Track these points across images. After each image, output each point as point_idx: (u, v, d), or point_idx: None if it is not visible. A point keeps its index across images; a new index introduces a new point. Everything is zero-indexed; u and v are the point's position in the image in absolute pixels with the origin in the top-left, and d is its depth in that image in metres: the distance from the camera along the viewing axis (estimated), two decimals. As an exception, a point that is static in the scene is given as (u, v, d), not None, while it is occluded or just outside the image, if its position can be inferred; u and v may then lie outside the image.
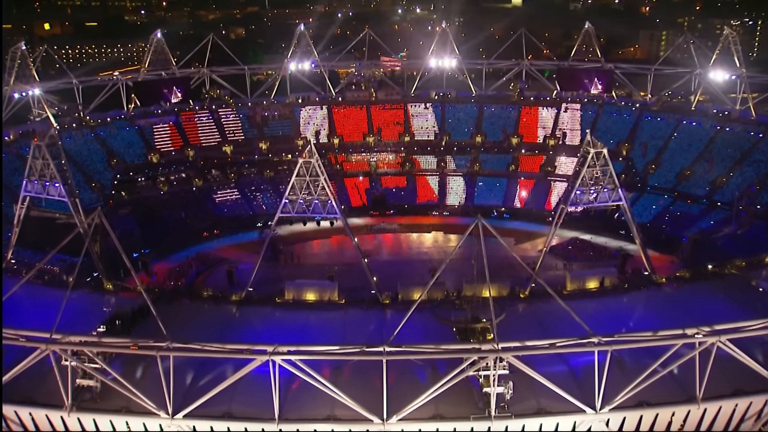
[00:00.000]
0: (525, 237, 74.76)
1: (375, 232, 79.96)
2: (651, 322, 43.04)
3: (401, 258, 70.27)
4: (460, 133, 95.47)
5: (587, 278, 55.11)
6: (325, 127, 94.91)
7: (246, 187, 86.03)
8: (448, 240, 76.45)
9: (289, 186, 52.42)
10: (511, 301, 51.28)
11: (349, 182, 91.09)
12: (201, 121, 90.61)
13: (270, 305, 51.98)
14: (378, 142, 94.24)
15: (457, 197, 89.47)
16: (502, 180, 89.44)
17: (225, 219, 79.92)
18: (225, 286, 56.70)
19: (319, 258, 69.96)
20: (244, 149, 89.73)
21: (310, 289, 52.99)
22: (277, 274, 60.04)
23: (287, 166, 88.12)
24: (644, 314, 49.66)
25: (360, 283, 55.44)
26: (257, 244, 67.26)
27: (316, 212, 53.13)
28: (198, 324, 47.35)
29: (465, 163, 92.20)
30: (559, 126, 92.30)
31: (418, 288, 51.47)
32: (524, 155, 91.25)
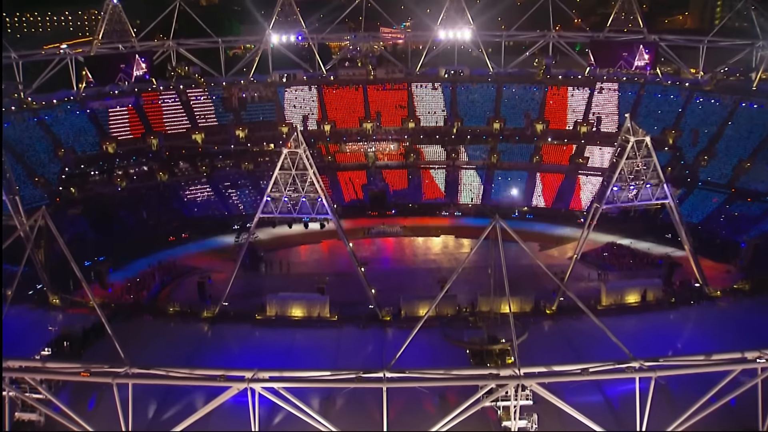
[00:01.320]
0: (552, 242, 74.87)
1: (373, 235, 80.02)
2: (703, 344, 43.00)
3: (404, 266, 70.37)
4: (475, 118, 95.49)
5: (626, 291, 55.17)
6: (315, 111, 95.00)
7: (220, 182, 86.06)
8: (459, 245, 76.52)
9: (272, 181, 52.46)
10: (535, 318, 51.35)
11: (343, 177, 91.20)
12: (166, 103, 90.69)
13: (249, 323, 52.03)
14: (377, 129, 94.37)
15: (470, 194, 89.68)
16: (524, 174, 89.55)
17: (195, 220, 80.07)
18: (195, 300, 56.75)
19: (307, 267, 70.03)
20: (217, 137, 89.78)
21: (297, 303, 53.02)
22: (257, 286, 60.11)
23: (269, 157, 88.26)
24: (695, 334, 49.78)
25: (355, 296, 55.53)
26: (233, 251, 67.35)
27: (304, 212, 53.16)
28: (162, 345, 47.38)
29: (480, 154, 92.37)
30: (593, 109, 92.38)
31: (425, 302, 51.51)
32: (551, 144, 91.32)
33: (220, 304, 53.39)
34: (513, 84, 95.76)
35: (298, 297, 53.73)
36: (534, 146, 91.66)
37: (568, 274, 53.80)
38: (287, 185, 52.19)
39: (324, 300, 53.39)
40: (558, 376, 35.10)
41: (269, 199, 52.99)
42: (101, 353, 38.77)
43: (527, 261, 52.06)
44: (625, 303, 54.51)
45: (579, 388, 36.66)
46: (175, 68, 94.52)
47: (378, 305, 53.18)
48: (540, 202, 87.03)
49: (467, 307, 53.53)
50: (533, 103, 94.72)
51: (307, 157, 51.69)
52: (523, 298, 52.81)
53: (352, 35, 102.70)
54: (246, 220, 73.24)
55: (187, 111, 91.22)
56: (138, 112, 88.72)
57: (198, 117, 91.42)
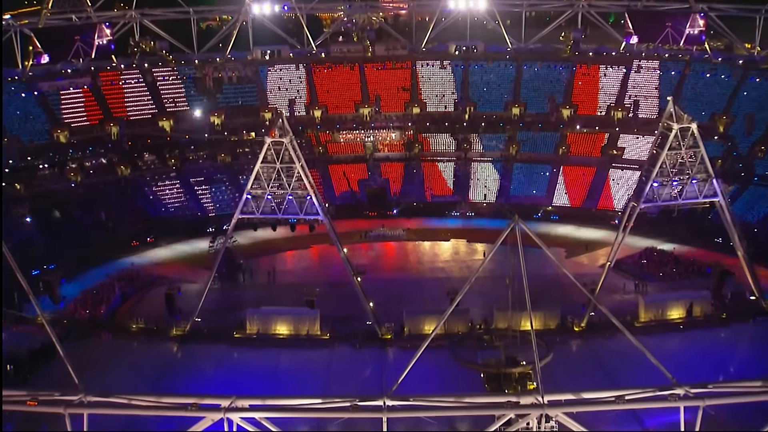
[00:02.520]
0: (580, 247, 74.98)
1: (371, 239, 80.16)
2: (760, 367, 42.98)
3: (408, 276, 70.44)
4: (490, 102, 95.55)
5: (669, 305, 55.22)
6: (303, 94, 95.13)
7: (192, 177, 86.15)
8: (472, 251, 76.62)
9: (253, 176, 52.54)
10: (561, 337, 51.46)
11: (336, 171, 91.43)
12: (128, 85, 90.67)
13: (225, 342, 52.15)
14: (375, 115, 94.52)
15: (485, 192, 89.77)
16: (548, 167, 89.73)
17: (162, 222, 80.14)
18: (162, 316, 56.81)
19: (294, 276, 70.12)
20: (189, 125, 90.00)
21: (282, 319, 53.11)
22: (236, 299, 60.26)
23: (250, 148, 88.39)
24: (750, 355, 49.86)
25: (351, 310, 55.63)
26: (208, 257, 67.38)
27: (290, 212, 53.23)
28: (124, 368, 47.48)
29: (496, 144, 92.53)
30: (629, 92, 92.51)
31: (432, 317, 51.60)
32: (579, 133, 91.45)
33: (191, 320, 53.43)
34: (535, 62, 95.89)
35: (284, 312, 53.80)
36: (559, 135, 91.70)
37: (600, 284, 53.83)
38: (271, 181, 52.23)
39: (314, 315, 53.46)
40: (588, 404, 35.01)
41: (250, 197, 53.05)
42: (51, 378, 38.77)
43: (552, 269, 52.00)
44: (668, 319, 54.56)
45: (613, 418, 36.68)
46: (139, 43, 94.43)
47: (377, 321, 53.23)
48: (567, 201, 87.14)
49: (481, 323, 53.58)
50: (559, 85, 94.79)
51: (294, 147, 51.75)
52: (547, 313, 52.90)
53: (347, 5, 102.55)
54: (222, 222, 73.10)
55: (153, 94, 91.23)
56: (95, 94, 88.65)
57: (166, 101, 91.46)
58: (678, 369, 36.63)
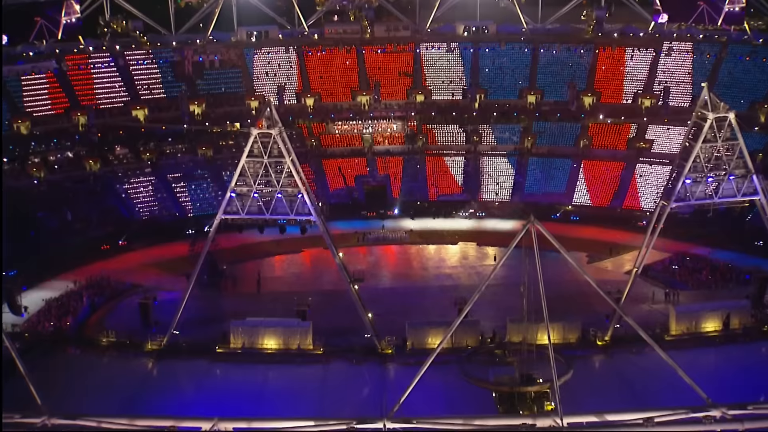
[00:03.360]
0: (604, 251, 75.01)
1: (370, 242, 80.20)
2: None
3: (411, 283, 70.45)
4: (503, 89, 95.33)
5: (703, 316, 55.17)
6: (294, 80, 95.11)
7: (169, 172, 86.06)
8: (483, 255, 76.65)
9: (237, 171, 52.51)
10: (583, 352, 51.41)
11: (331, 166, 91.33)
12: (98, 69, 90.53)
13: (207, 357, 52.11)
14: (375, 103, 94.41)
15: (497, 189, 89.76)
16: (568, 162, 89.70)
17: (136, 223, 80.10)
18: (136, 328, 56.79)
19: (283, 283, 70.13)
20: (166, 114, 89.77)
21: (270, 331, 53.12)
22: (218, 309, 60.23)
23: (234, 140, 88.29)
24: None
25: (347, 322, 55.61)
26: (187, 262, 67.33)
27: (279, 213, 53.21)
28: (94, 387, 47.44)
29: (510, 136, 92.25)
30: (659, 77, 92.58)
31: (438, 330, 51.59)
32: (602, 124, 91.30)
33: (168, 333, 53.38)
34: (553, 44, 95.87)
35: (272, 323, 53.77)
36: (580, 126, 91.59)
37: (626, 293, 53.80)
38: (258, 177, 52.20)
39: (305, 327, 53.44)
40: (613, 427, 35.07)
41: (234, 196, 53.03)
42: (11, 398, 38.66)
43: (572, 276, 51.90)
44: (702, 332, 54.50)
45: (641, 443, 36.64)
46: (110, 23, 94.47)
47: (376, 334, 53.20)
48: (588, 199, 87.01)
49: (493, 336, 53.53)
50: (580, 70, 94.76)
51: (284, 140, 51.74)
52: (566, 325, 52.85)
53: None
54: (203, 223, 73.11)
55: (126, 79, 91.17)
56: (60, 80, 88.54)
57: (140, 87, 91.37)
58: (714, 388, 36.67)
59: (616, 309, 47.32)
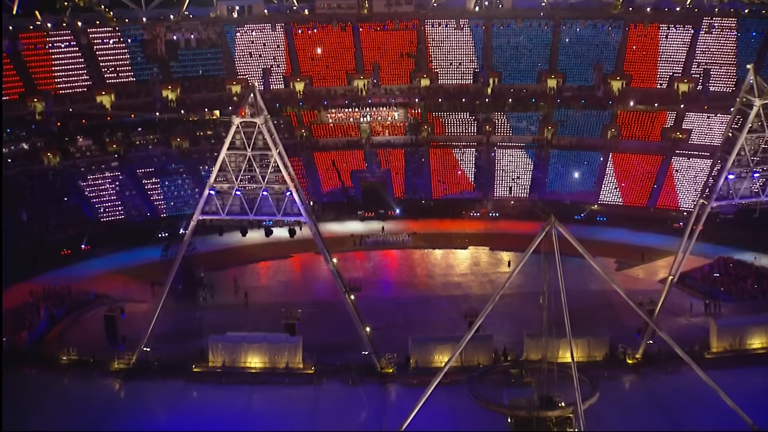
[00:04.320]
0: (635, 256, 74.91)
1: (368, 247, 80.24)
2: None
3: (414, 293, 70.28)
4: (519, 72, 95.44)
5: (748, 331, 54.97)
6: (281, 62, 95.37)
7: (139, 167, 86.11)
8: (496, 261, 76.63)
9: (217, 166, 52.43)
10: (610, 371, 51.31)
11: (324, 160, 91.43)
12: (57, 49, 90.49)
13: (182, 377, 51.96)
14: (373, 88, 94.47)
15: (512, 186, 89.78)
16: (595, 155, 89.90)
17: (101, 225, 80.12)
18: (101, 344, 56.70)
19: (269, 293, 69.97)
20: (135, 101, 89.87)
21: (254, 348, 53.04)
22: (195, 323, 60.06)
23: (213, 130, 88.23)
24: None
25: (342, 337, 55.52)
26: (159, 269, 67.24)
27: (265, 213, 53.14)
28: (53, 411, 47.27)
29: (528, 125, 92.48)
30: (697, 58, 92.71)
31: (445, 346, 51.59)
32: (633, 111, 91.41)
33: (138, 350, 53.31)
34: (577, 21, 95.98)
35: (257, 339, 53.70)
36: (608, 114, 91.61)
37: (660, 304, 53.69)
38: (240, 172, 52.14)
39: (295, 343, 53.38)
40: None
41: (213, 194, 52.94)
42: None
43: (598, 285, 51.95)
44: (747, 349, 54.28)
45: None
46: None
47: (375, 351, 53.12)
48: (617, 198, 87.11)
49: (508, 353, 53.49)
50: (607, 50, 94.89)
51: (270, 130, 51.68)
52: (592, 340, 52.74)
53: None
54: (178, 225, 72.98)
55: (89, 61, 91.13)
56: (14, 61, 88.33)
57: (105, 70, 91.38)
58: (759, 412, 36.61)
59: (648, 322, 47.19)
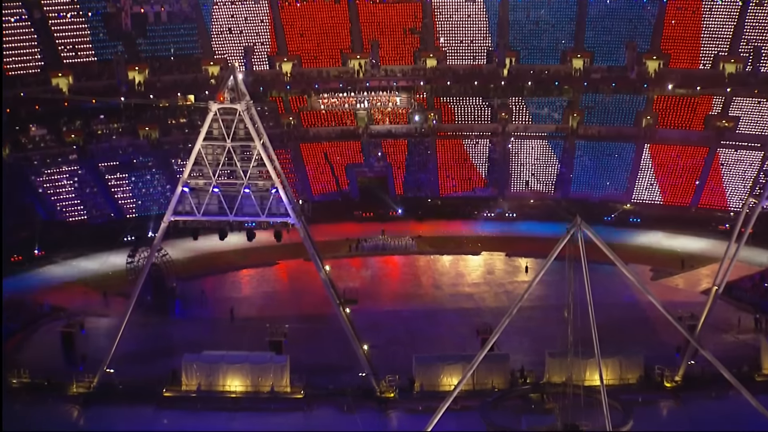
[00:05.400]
0: (673, 263, 74.77)
1: (366, 253, 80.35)
2: None
3: (419, 306, 70.11)
4: (540, 51, 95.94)
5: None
6: (266, 39, 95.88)
7: (102, 160, 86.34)
8: (513, 269, 76.58)
9: (191, 159, 52.40)
10: (646, 396, 51.38)
11: (315, 152, 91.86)
12: (7, 25, 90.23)
13: (151, 403, 51.95)
14: (372, 69, 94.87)
15: (533, 183, 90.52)
16: (628, 146, 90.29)
17: (57, 227, 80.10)
18: (58, 365, 56.64)
19: (252, 305, 69.84)
20: (97, 84, 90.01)
21: (235, 369, 52.98)
22: (167, 340, 60.14)
23: (187, 118, 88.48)
24: None
25: (335, 356, 55.58)
26: (125, 279, 67.32)
27: (246, 213, 53.10)
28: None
29: (550, 112, 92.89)
30: (746, 35, 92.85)
31: (455, 367, 51.68)
32: (672, 96, 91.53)
33: (100, 372, 53.29)
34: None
35: (237, 358, 53.65)
36: (643, 99, 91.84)
37: (703, 319, 53.69)
38: (218, 166, 52.16)
39: (281, 363, 53.36)
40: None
41: (187, 191, 52.93)
42: None
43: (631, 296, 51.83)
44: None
45: None
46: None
47: (374, 372, 53.11)
48: (654, 195, 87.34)
49: (527, 375, 53.50)
50: (642, 25, 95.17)
51: (253, 117, 51.71)
52: (624, 360, 52.72)
53: None
54: (147, 227, 72.97)
55: (44, 38, 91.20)
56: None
57: (62, 48, 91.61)
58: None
59: (689, 340, 47.14)
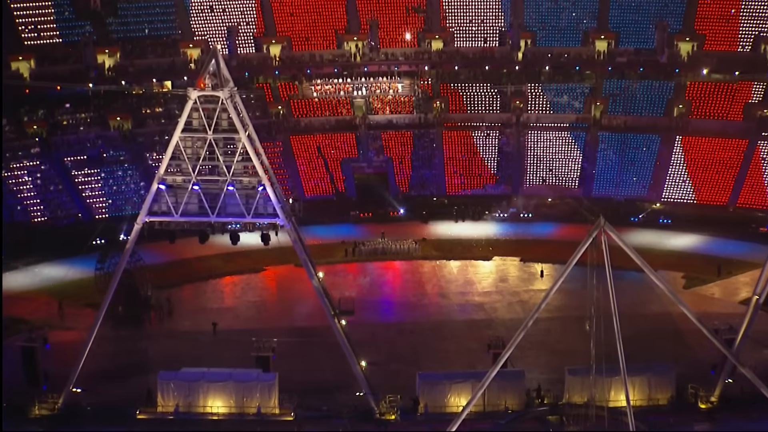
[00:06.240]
0: (708, 269, 74.82)
1: (364, 257, 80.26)
2: None
3: (423, 317, 70.11)
4: (559, 32, 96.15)
5: None
6: (251, 18, 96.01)
7: (68, 154, 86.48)
8: (529, 276, 76.57)
9: (168, 153, 52.37)
10: (678, 418, 51.41)
11: (307, 145, 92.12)
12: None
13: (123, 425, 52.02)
14: (371, 53, 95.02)
15: (550, 179, 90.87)
16: (656, 138, 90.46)
17: (18, 228, 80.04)
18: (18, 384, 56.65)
19: (236, 317, 69.80)
20: (62, 68, 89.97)
21: (216, 387, 53.00)
22: (140, 355, 60.19)
23: (164, 107, 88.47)
24: None
25: (329, 373, 55.19)
26: (94, 287, 67.33)
27: (230, 214, 53.08)
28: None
29: (570, 100, 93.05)
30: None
31: (463, 386, 51.69)
32: (706, 82, 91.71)
33: (66, 392, 53.29)
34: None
35: (220, 376, 53.67)
36: (673, 85, 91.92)
37: (743, 332, 53.63)
38: (199, 161, 52.16)
39: (269, 381, 53.38)
40: None
41: (164, 188, 52.94)
42: None
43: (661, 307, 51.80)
44: None
45: None
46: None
47: (373, 391, 53.12)
48: (685, 194, 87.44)
49: (545, 394, 53.47)
50: (673, 3, 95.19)
51: (237, 106, 51.71)
52: (653, 378, 52.72)
53: None
54: (118, 229, 72.98)
55: (2, 17, 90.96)
56: None
57: (23, 28, 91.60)
58: None
59: (727, 355, 47.14)
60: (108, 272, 66.00)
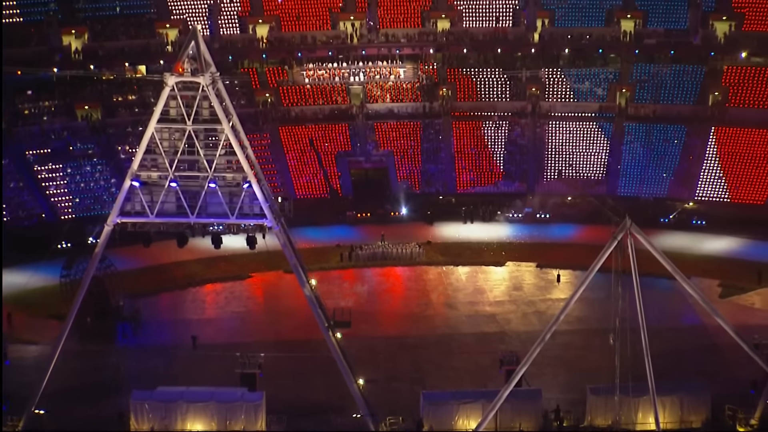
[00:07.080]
0: (747, 277, 74.84)
1: (362, 263, 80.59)
2: None
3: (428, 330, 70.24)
4: (580, 11, 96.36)
5: None
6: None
7: (30, 147, 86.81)
8: (546, 284, 76.76)
9: (142, 146, 52.41)
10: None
11: (298, 137, 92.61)
12: None
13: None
14: (369, 34, 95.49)
15: (570, 175, 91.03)
16: (689, 131, 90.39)
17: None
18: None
19: (219, 330, 70.02)
20: (25, 51, 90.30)
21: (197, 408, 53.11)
22: (111, 372, 60.31)
23: (138, 95, 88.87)
24: None
25: (323, 392, 55.81)
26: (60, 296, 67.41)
27: (211, 214, 53.16)
28: None
29: (594, 88, 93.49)
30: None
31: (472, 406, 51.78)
32: (746, 65, 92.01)
33: (27, 413, 53.38)
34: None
35: (200, 395, 53.80)
36: (706, 71, 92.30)
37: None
38: (177, 155, 52.25)
39: (255, 402, 53.48)
40: None
41: (138, 185, 53.00)
42: None
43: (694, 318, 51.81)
44: None
45: None
46: None
47: (371, 413, 53.21)
48: (722, 192, 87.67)
49: (564, 416, 53.57)
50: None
51: (220, 94, 51.77)
52: (686, 398, 52.74)
53: None
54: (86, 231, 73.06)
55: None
56: None
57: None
58: None
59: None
60: (75, 279, 66.02)
